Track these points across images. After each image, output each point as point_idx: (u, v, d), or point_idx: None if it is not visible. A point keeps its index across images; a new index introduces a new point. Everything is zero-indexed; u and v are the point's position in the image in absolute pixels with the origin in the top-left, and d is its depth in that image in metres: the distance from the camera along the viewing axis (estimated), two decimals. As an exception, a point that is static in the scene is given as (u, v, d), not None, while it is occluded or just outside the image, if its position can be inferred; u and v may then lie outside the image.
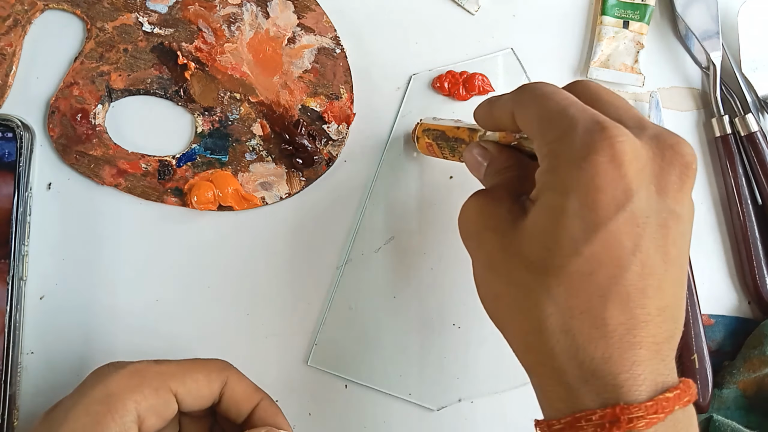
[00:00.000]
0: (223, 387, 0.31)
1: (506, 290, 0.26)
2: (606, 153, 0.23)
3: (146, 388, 0.29)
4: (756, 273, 0.42)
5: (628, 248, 0.23)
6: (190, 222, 0.40)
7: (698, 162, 0.44)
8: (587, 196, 0.23)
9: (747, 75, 0.44)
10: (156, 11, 0.40)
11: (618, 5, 0.43)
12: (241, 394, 0.32)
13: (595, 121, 0.24)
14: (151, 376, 0.29)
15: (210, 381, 0.31)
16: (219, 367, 0.32)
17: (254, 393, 0.32)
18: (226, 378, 0.32)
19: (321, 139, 0.40)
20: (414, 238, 0.41)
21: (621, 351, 0.23)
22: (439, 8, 0.43)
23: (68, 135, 0.39)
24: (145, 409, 0.29)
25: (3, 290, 0.36)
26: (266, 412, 0.32)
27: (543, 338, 0.25)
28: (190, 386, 0.30)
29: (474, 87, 0.42)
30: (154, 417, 0.29)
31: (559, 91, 0.27)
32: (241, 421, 0.33)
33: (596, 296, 0.23)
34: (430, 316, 0.41)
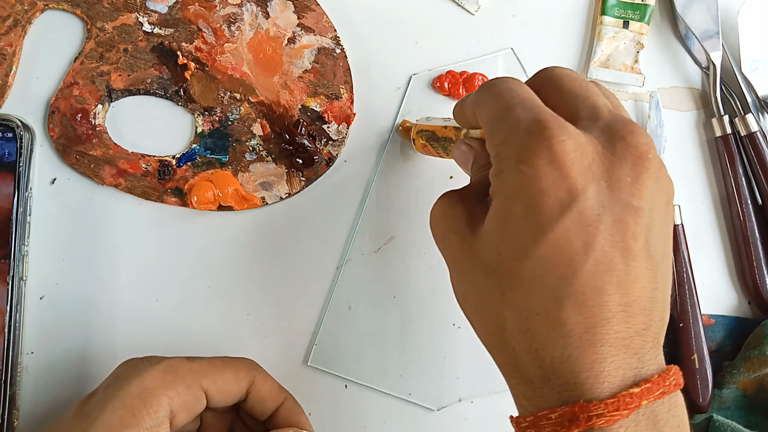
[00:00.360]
0: (250, 386, 0.33)
1: (470, 292, 0.27)
2: (545, 155, 0.23)
3: (180, 384, 0.30)
4: (756, 273, 0.42)
5: (578, 248, 0.23)
6: (190, 222, 0.40)
7: (698, 162, 0.44)
8: (530, 199, 0.23)
9: (747, 75, 0.44)
10: (156, 11, 0.40)
11: (618, 5, 0.43)
12: (266, 393, 0.33)
13: (536, 120, 0.24)
14: (184, 373, 0.30)
15: (238, 379, 0.32)
16: (247, 366, 0.33)
17: (279, 392, 0.34)
18: (253, 377, 0.33)
19: (321, 139, 0.40)
20: (414, 238, 0.41)
21: (580, 350, 0.23)
22: (439, 8, 0.43)
23: (68, 135, 0.39)
24: (178, 405, 0.30)
25: (3, 290, 0.36)
26: (290, 412, 0.34)
27: (504, 339, 0.25)
28: (220, 384, 0.31)
29: (474, 87, 0.42)
30: (185, 412, 0.30)
31: (514, 88, 0.26)
32: (265, 418, 0.34)
33: (550, 298, 0.23)
34: (430, 316, 0.41)
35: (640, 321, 0.23)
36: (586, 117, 0.25)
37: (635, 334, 0.23)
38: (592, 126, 0.24)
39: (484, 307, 0.26)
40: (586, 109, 0.25)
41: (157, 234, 0.39)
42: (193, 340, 0.39)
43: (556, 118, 0.24)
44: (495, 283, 0.25)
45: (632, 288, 0.23)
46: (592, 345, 0.23)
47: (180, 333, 0.39)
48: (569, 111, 0.26)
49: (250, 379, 0.33)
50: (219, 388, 0.31)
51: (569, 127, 0.24)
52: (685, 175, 0.44)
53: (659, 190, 0.25)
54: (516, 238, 0.24)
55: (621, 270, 0.23)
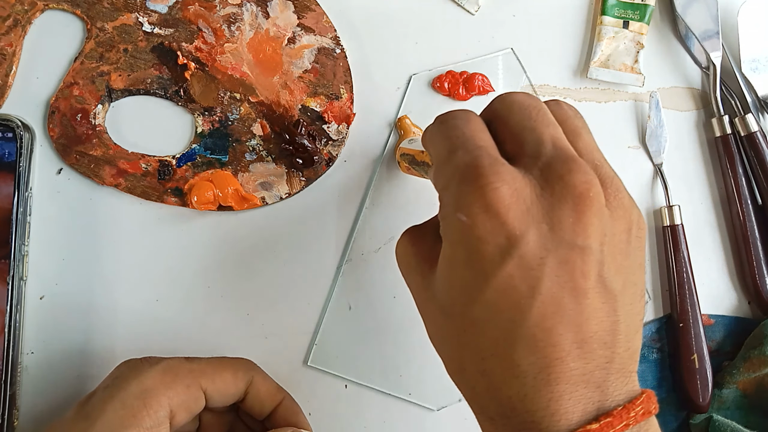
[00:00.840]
0: (248, 386, 0.33)
1: (432, 331, 0.27)
2: (480, 203, 0.23)
3: (179, 384, 0.30)
4: (756, 273, 0.42)
5: (524, 292, 0.23)
6: (190, 222, 0.40)
7: (698, 162, 0.44)
8: (471, 247, 0.23)
9: (747, 75, 0.44)
10: (156, 11, 0.40)
11: (618, 5, 0.43)
12: (265, 393, 0.34)
13: (472, 166, 0.23)
14: (183, 374, 0.31)
15: (237, 379, 0.32)
16: (246, 367, 0.33)
17: (277, 392, 0.34)
18: (251, 377, 0.33)
19: (321, 139, 0.40)
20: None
21: (536, 389, 0.23)
22: (439, 8, 0.43)
23: (68, 135, 0.39)
24: (177, 405, 0.30)
25: (3, 290, 0.36)
26: (288, 411, 0.34)
27: (465, 378, 0.25)
28: (219, 384, 0.32)
29: (474, 87, 0.42)
30: (184, 412, 0.30)
31: (461, 126, 0.26)
32: (263, 418, 0.34)
33: (502, 340, 0.23)
34: (430, 316, 0.41)
35: (600, 355, 0.23)
36: (528, 153, 0.25)
37: (596, 368, 0.23)
38: (533, 165, 0.24)
39: (445, 347, 0.26)
40: (530, 143, 0.25)
41: (157, 234, 0.39)
42: (193, 340, 0.39)
43: (494, 161, 0.24)
44: (451, 324, 0.25)
45: (587, 325, 0.23)
46: (547, 384, 0.23)
47: (180, 333, 0.39)
48: (515, 145, 0.25)
49: (248, 379, 0.33)
50: (218, 388, 0.32)
51: (505, 171, 0.23)
52: (685, 175, 0.44)
53: (613, 221, 0.24)
54: (462, 283, 0.24)
55: (572, 309, 0.23)
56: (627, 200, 0.25)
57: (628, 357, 0.24)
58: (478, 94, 0.42)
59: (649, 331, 0.42)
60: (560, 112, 0.27)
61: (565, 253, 0.23)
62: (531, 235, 0.23)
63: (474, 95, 0.42)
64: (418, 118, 0.42)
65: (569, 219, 0.23)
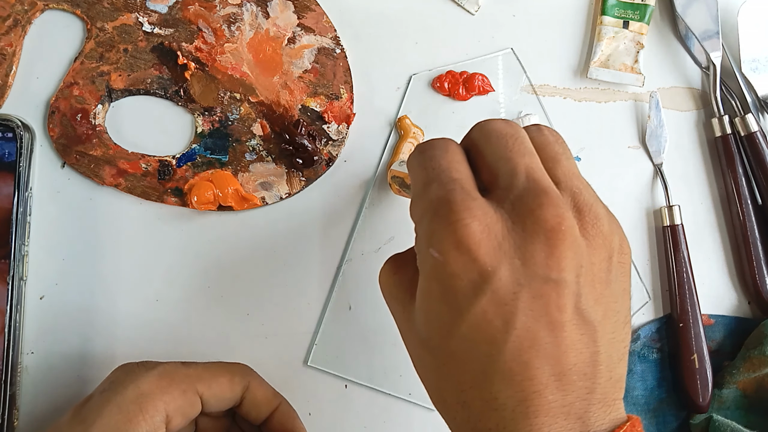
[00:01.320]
0: (245, 391, 0.33)
1: (415, 361, 0.27)
2: (451, 239, 0.23)
3: (175, 389, 0.30)
4: (756, 273, 0.42)
5: (498, 327, 0.23)
6: (190, 222, 0.40)
7: (698, 162, 0.44)
8: (444, 282, 0.23)
9: (747, 75, 0.44)
10: (156, 11, 0.40)
11: (618, 5, 0.43)
12: (261, 398, 0.33)
13: (444, 201, 0.23)
14: (180, 379, 0.31)
15: (233, 384, 0.32)
16: (242, 372, 0.33)
17: (273, 397, 0.34)
18: (248, 382, 0.33)
19: (321, 139, 0.40)
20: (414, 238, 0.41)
21: (514, 422, 0.23)
22: (439, 8, 0.43)
23: (68, 135, 0.39)
24: (173, 410, 0.30)
25: (3, 290, 0.36)
26: (284, 416, 0.34)
27: (446, 408, 0.25)
28: (215, 389, 0.32)
29: (474, 87, 0.42)
30: (180, 417, 0.30)
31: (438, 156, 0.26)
32: (260, 422, 0.34)
33: (479, 373, 0.23)
34: (430, 316, 0.41)
35: (580, 386, 0.23)
36: (501, 185, 0.24)
37: (576, 399, 0.23)
38: (505, 197, 0.24)
39: (427, 377, 0.26)
40: (504, 175, 0.25)
41: (157, 234, 0.39)
42: (193, 340, 0.39)
43: (466, 196, 0.24)
44: (430, 356, 0.25)
45: (565, 358, 0.23)
46: (526, 417, 0.23)
47: (180, 333, 0.39)
48: (491, 176, 0.25)
49: (245, 384, 0.33)
50: (214, 393, 0.32)
51: (477, 206, 0.23)
52: (685, 175, 0.44)
53: (591, 250, 0.24)
54: (439, 317, 0.24)
55: (548, 342, 0.23)
56: (606, 227, 0.25)
57: (611, 386, 0.24)
58: (478, 94, 0.42)
59: (649, 331, 0.42)
60: (540, 139, 0.26)
61: (539, 287, 0.23)
62: (503, 271, 0.23)
63: (474, 95, 0.42)
64: (418, 118, 0.42)
65: (541, 253, 0.23)
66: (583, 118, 0.43)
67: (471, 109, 0.42)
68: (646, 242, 0.43)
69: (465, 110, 0.42)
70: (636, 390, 0.42)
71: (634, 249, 0.43)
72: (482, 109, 0.42)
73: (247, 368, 0.34)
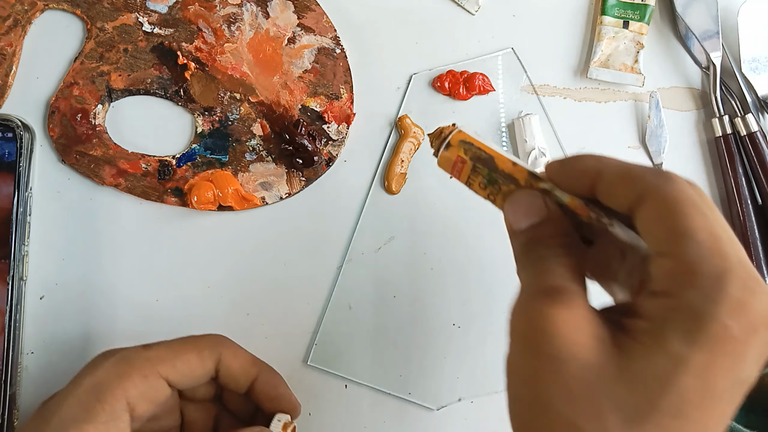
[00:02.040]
0: (217, 363, 0.31)
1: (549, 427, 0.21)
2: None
3: (135, 375, 0.29)
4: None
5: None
6: (190, 222, 0.40)
7: (698, 162, 0.44)
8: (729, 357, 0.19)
9: (747, 75, 0.44)
10: (156, 11, 0.40)
11: (618, 5, 0.43)
12: (237, 369, 0.32)
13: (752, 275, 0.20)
14: (139, 363, 0.30)
15: (202, 359, 0.31)
16: (212, 344, 0.32)
17: (251, 366, 0.32)
18: (219, 354, 0.31)
19: (321, 139, 0.40)
20: (414, 238, 0.41)
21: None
22: (439, 8, 0.43)
23: (68, 135, 0.39)
24: (135, 396, 0.29)
25: (3, 290, 0.36)
26: (266, 384, 0.32)
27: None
28: (181, 368, 0.30)
29: (474, 87, 0.42)
30: (146, 402, 0.29)
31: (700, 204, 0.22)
32: (244, 392, 0.33)
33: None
34: (430, 316, 0.41)
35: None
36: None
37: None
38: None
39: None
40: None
41: (157, 234, 0.39)
42: (193, 340, 0.39)
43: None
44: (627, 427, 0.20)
45: None
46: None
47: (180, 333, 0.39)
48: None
49: (215, 357, 0.31)
50: (181, 373, 0.30)
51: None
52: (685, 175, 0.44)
53: None
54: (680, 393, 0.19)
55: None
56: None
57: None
58: (479, 94, 0.42)
59: (649, 331, 0.42)
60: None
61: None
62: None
63: (474, 95, 0.42)
64: (418, 117, 0.42)
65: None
66: (583, 118, 0.43)
67: (471, 109, 0.42)
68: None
69: (465, 110, 0.42)
70: (636, 390, 0.42)
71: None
72: (483, 109, 0.42)
73: (218, 339, 0.32)
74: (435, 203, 0.42)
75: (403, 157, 0.41)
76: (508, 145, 0.42)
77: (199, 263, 0.40)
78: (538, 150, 0.41)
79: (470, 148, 0.28)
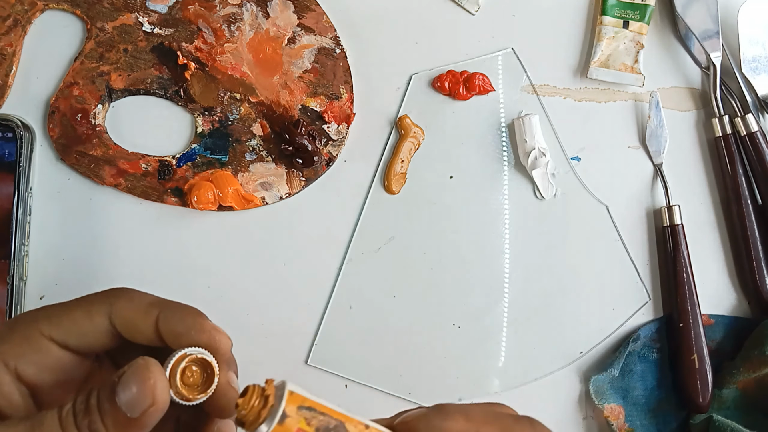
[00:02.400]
0: (110, 317, 0.27)
1: None
2: None
3: (15, 336, 0.27)
4: (756, 273, 0.42)
5: None
6: (190, 222, 0.40)
7: (698, 162, 0.44)
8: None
9: (747, 75, 0.44)
10: (156, 11, 0.40)
11: (618, 5, 0.43)
12: (131, 314, 0.27)
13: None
14: (21, 326, 0.27)
15: (91, 315, 0.27)
16: (102, 298, 0.28)
17: (148, 307, 0.28)
18: (109, 307, 0.27)
19: (321, 139, 0.40)
20: (414, 238, 0.41)
21: None
22: (439, 8, 0.43)
23: (68, 135, 0.39)
24: (15, 357, 0.27)
25: (3, 290, 0.36)
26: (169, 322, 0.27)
27: None
28: (68, 326, 0.27)
29: (475, 86, 0.42)
30: (31, 366, 0.27)
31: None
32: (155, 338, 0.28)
33: None
34: (430, 316, 0.41)
35: None
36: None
37: None
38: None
39: None
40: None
41: (157, 234, 0.39)
42: (193, 340, 0.39)
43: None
44: None
45: None
46: None
47: (180, 333, 0.39)
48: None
49: (105, 310, 0.27)
50: (68, 332, 0.27)
51: None
52: (685, 175, 0.44)
53: None
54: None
55: None
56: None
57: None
58: (479, 94, 0.42)
59: (649, 331, 0.42)
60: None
61: None
62: None
63: (474, 95, 0.42)
64: (418, 117, 0.42)
65: None
66: (583, 118, 0.43)
67: (471, 109, 0.42)
68: (646, 242, 0.43)
69: (465, 110, 0.42)
70: (636, 390, 0.42)
71: (634, 249, 0.43)
72: (483, 109, 0.42)
73: (112, 291, 0.28)
74: (435, 203, 0.42)
75: (403, 157, 0.41)
76: (508, 145, 0.42)
77: (199, 263, 0.40)
78: (538, 150, 0.41)
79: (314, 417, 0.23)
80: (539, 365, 0.41)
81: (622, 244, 0.43)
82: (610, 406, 0.41)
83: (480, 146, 0.42)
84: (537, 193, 0.42)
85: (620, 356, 0.41)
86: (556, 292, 0.42)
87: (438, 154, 0.42)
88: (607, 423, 0.41)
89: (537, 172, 0.41)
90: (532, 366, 0.41)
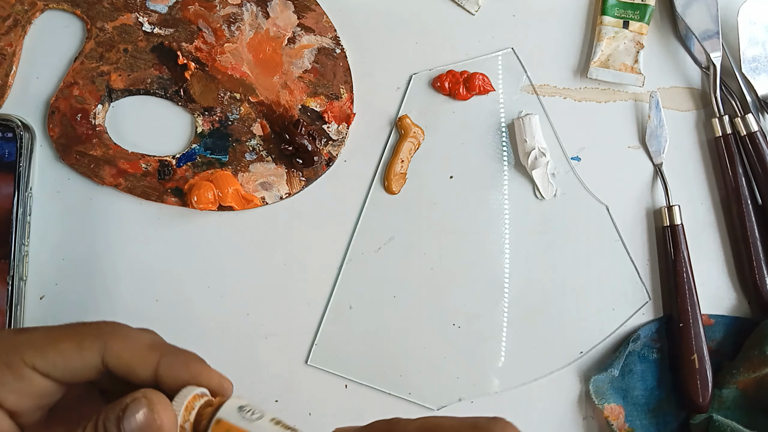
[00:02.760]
0: (102, 355, 0.26)
1: None
2: None
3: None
4: (756, 273, 0.42)
5: None
6: (190, 222, 0.40)
7: (698, 162, 0.44)
8: None
9: (747, 75, 0.44)
10: (156, 11, 0.40)
11: (618, 5, 0.43)
12: (128, 357, 0.26)
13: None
14: (2, 353, 0.26)
15: (81, 350, 0.26)
16: (95, 333, 0.26)
17: (147, 351, 0.27)
18: (102, 345, 0.26)
19: (321, 139, 0.40)
20: (414, 238, 0.41)
21: None
22: (439, 8, 0.43)
23: (68, 135, 0.39)
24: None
25: (3, 290, 0.36)
26: (171, 368, 0.27)
27: None
28: (54, 358, 0.26)
29: (475, 86, 0.42)
30: (12, 394, 0.25)
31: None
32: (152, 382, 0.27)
33: None
34: (430, 316, 0.41)
35: None
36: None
37: None
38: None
39: None
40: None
41: (157, 234, 0.39)
42: (193, 340, 0.39)
43: None
44: None
45: None
46: None
47: (179, 333, 0.39)
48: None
49: (98, 347, 0.26)
50: (53, 363, 0.26)
51: None
52: (685, 175, 0.44)
53: None
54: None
55: None
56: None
57: None
58: (479, 94, 0.42)
59: (649, 331, 0.42)
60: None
61: None
62: None
63: (474, 95, 0.42)
64: (418, 117, 0.42)
65: None
66: (583, 118, 0.43)
67: (471, 109, 0.42)
68: (646, 242, 0.43)
69: (465, 110, 0.42)
70: (636, 390, 0.42)
71: (634, 249, 0.43)
72: (483, 109, 0.42)
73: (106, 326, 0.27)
74: (435, 203, 0.42)
75: (402, 157, 0.41)
76: (508, 145, 0.42)
77: (199, 263, 0.40)
78: (538, 150, 0.41)
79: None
80: (539, 365, 0.41)
81: (622, 244, 0.43)
82: (610, 406, 0.41)
83: (480, 146, 0.42)
84: (537, 193, 0.42)
85: (620, 356, 0.41)
86: (556, 292, 0.42)
87: (438, 154, 0.42)
88: (607, 423, 0.41)
89: (537, 172, 0.42)
90: (532, 366, 0.41)
